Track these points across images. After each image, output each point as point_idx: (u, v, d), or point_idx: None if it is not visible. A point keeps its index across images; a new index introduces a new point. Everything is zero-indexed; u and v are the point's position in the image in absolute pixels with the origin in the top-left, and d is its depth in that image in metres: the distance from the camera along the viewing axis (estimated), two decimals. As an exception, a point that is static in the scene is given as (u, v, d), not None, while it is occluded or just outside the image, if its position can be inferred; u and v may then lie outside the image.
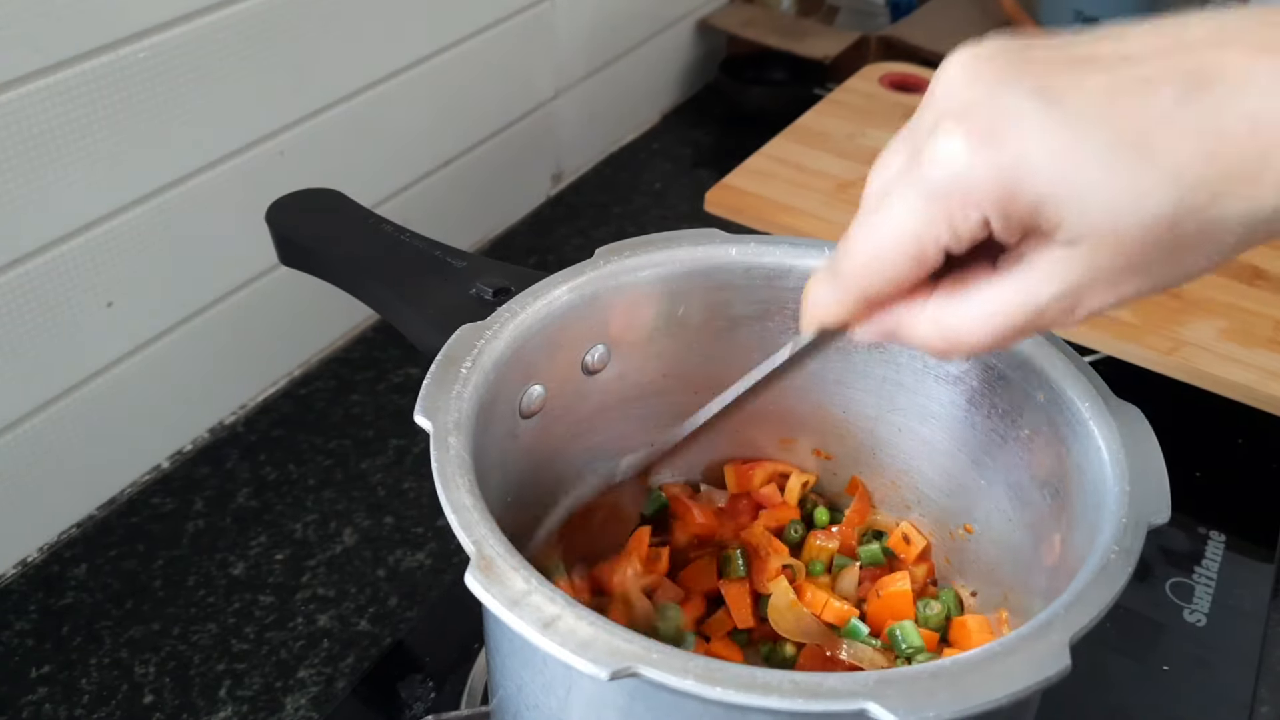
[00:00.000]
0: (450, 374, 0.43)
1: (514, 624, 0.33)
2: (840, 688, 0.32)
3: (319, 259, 0.56)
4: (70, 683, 0.58)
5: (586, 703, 0.38)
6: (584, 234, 0.95)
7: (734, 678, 0.32)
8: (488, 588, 0.34)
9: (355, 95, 0.75)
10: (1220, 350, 0.70)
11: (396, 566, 0.65)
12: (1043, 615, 0.35)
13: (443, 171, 0.86)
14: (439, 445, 0.40)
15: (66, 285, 0.61)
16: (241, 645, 0.60)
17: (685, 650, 0.33)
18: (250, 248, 0.70)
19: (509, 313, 0.46)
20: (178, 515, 0.68)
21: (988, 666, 0.33)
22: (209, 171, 0.67)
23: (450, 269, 0.53)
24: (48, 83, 0.56)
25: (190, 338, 0.70)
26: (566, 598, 0.34)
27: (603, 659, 0.32)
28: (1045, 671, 0.33)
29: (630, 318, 0.50)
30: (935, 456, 0.53)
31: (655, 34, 1.07)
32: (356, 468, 0.71)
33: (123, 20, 0.59)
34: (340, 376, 0.79)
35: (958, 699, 0.32)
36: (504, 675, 0.42)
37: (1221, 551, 0.65)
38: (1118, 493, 0.40)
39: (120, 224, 0.63)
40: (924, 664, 0.33)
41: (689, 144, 1.09)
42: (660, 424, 0.55)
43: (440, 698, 0.57)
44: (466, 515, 0.37)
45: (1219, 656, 0.60)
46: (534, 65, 0.92)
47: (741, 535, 0.54)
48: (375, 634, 0.61)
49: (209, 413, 0.74)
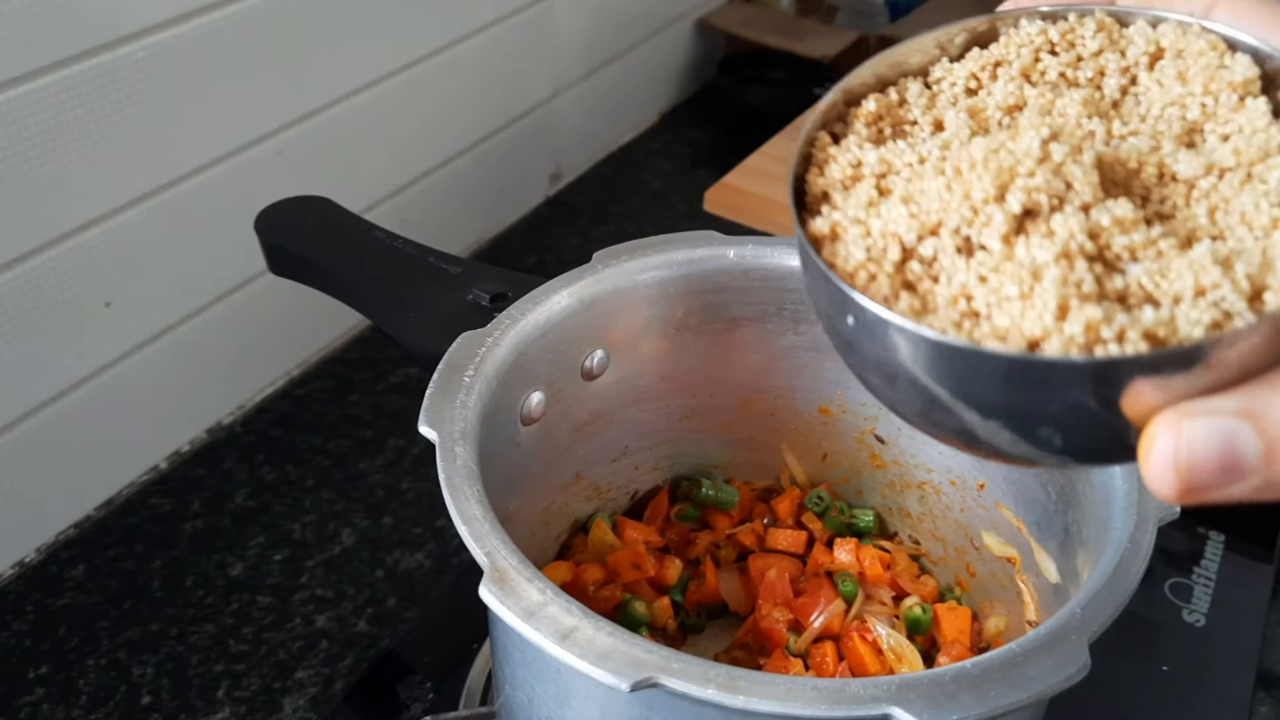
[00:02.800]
0: (453, 382, 0.42)
1: (531, 636, 0.33)
2: (863, 693, 0.32)
3: (310, 268, 0.55)
4: (68, 684, 0.58)
5: (602, 714, 0.38)
6: (583, 234, 0.95)
7: (756, 686, 0.32)
8: (503, 600, 0.34)
9: (355, 94, 0.75)
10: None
11: (395, 567, 0.65)
12: (1059, 615, 0.35)
13: (441, 171, 0.86)
14: (446, 455, 0.39)
15: (65, 285, 0.61)
16: (239, 646, 0.60)
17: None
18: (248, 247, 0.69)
19: (509, 319, 0.46)
20: (175, 516, 0.67)
21: (1008, 668, 0.33)
22: (207, 171, 0.67)
23: (445, 275, 0.52)
24: (45, 82, 0.56)
25: (188, 338, 0.70)
26: (583, 608, 0.34)
27: (623, 670, 0.32)
28: (1065, 671, 0.33)
29: (629, 322, 0.50)
30: (936, 456, 0.53)
31: (654, 33, 1.07)
32: (355, 468, 0.71)
33: (120, 20, 0.59)
34: (338, 377, 0.78)
35: (980, 701, 0.32)
36: (514, 687, 0.42)
37: (1220, 552, 0.65)
38: (1126, 490, 0.40)
39: (119, 224, 0.63)
40: (945, 667, 0.34)
41: (688, 143, 1.09)
42: (661, 428, 0.55)
43: (438, 699, 0.57)
44: (477, 526, 0.37)
45: (1218, 657, 0.60)
46: (532, 65, 0.92)
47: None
48: (373, 635, 0.61)
49: (207, 413, 0.74)
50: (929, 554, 0.56)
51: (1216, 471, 0.23)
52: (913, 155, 0.30)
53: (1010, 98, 0.30)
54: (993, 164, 0.27)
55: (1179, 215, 0.27)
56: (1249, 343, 0.23)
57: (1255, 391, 0.23)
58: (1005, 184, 0.26)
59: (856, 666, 0.49)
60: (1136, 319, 0.24)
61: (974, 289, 0.26)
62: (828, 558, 0.54)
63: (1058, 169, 0.26)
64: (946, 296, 0.27)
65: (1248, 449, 0.23)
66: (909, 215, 0.28)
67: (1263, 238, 0.26)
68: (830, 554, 0.54)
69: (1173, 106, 0.29)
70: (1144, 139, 0.28)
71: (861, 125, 0.31)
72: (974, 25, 0.32)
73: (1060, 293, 0.25)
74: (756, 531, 0.56)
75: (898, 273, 0.28)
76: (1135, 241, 0.26)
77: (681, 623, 0.53)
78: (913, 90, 0.32)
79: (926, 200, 0.28)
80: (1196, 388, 0.24)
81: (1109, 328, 0.24)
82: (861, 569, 0.53)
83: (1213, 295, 0.25)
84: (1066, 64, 0.31)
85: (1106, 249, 0.26)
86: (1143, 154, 0.28)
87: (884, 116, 0.32)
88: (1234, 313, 0.24)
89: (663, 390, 0.54)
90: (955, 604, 0.53)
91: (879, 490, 0.57)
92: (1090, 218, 0.26)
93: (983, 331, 0.26)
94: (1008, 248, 0.26)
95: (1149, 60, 0.30)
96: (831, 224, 0.29)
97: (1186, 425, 0.23)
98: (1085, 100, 0.29)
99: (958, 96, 0.31)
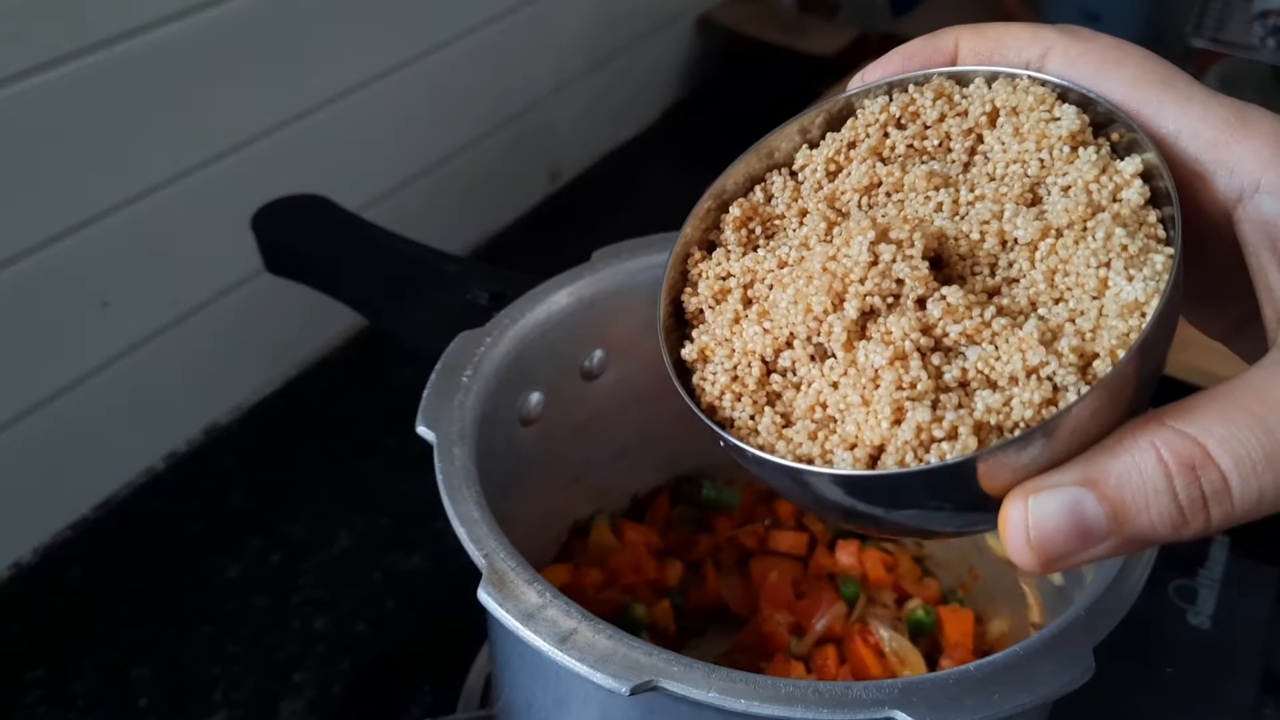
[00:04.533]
0: (451, 383, 0.42)
1: (530, 639, 0.33)
2: (865, 697, 0.32)
3: (307, 267, 0.55)
4: (64, 685, 0.57)
5: (602, 717, 0.38)
6: (582, 233, 0.94)
7: (757, 689, 0.32)
8: (501, 603, 0.34)
9: (352, 92, 0.75)
10: (1225, 350, 0.69)
11: (393, 569, 0.64)
12: (1063, 618, 0.35)
13: (440, 169, 0.85)
14: (444, 457, 0.39)
15: (61, 285, 0.61)
16: (236, 648, 0.60)
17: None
18: (245, 246, 0.69)
19: (508, 319, 0.46)
20: (172, 517, 0.67)
21: (1012, 671, 0.33)
22: (204, 170, 0.66)
23: (444, 274, 0.52)
24: (40, 81, 0.56)
25: (185, 338, 0.70)
26: (582, 611, 0.34)
27: (622, 673, 0.32)
28: (1069, 674, 0.33)
29: (629, 321, 0.50)
30: None
31: (655, 30, 1.07)
32: (352, 469, 0.71)
33: (117, 18, 0.58)
34: (336, 377, 0.78)
35: (983, 704, 0.32)
36: (514, 690, 0.42)
37: (1226, 555, 0.65)
38: None
39: (115, 223, 0.62)
40: (948, 670, 0.33)
41: (689, 141, 1.09)
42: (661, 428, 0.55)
43: (437, 702, 0.56)
44: (475, 528, 0.37)
45: (1223, 661, 0.59)
46: (531, 61, 0.92)
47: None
48: (371, 637, 0.60)
49: (204, 413, 0.73)
50: (932, 556, 0.55)
51: (1069, 540, 0.24)
52: (773, 261, 0.30)
53: (865, 178, 0.31)
54: (827, 275, 0.28)
55: (1023, 280, 0.27)
56: (1085, 411, 0.24)
57: (1093, 459, 0.24)
58: (841, 293, 0.28)
59: (859, 670, 0.49)
60: (965, 414, 0.25)
61: (828, 396, 0.27)
62: (830, 560, 0.54)
63: (886, 270, 0.27)
64: (804, 406, 0.28)
65: (1092, 515, 0.24)
66: (763, 332, 0.29)
67: (1097, 299, 0.26)
68: (832, 556, 0.54)
69: (1015, 164, 0.29)
70: (986, 205, 0.28)
71: (730, 232, 0.32)
72: (829, 107, 0.32)
73: (894, 397, 0.26)
74: (758, 533, 0.55)
75: (760, 388, 0.29)
76: (968, 328, 0.26)
77: (682, 626, 0.53)
78: (777, 184, 0.32)
79: (779, 314, 0.29)
80: (1040, 463, 0.24)
81: (940, 427, 0.25)
82: (864, 571, 0.53)
83: (1045, 372, 0.25)
84: (913, 135, 0.31)
85: (944, 337, 0.27)
86: (985, 223, 0.28)
87: (752, 218, 0.32)
88: (1063, 386, 0.25)
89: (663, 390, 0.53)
90: (958, 606, 0.53)
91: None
92: (926, 310, 0.27)
93: (834, 440, 0.27)
94: (849, 353, 0.27)
95: (988, 119, 0.30)
96: (699, 348, 0.31)
97: (1032, 503, 0.24)
98: (928, 174, 0.30)
99: (820, 183, 0.32)
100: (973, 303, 0.27)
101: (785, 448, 0.28)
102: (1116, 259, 0.26)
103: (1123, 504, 0.24)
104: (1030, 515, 0.24)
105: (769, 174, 0.33)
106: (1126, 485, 0.24)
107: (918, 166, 0.30)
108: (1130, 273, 0.26)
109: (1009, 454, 0.24)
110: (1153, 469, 0.23)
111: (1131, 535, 0.24)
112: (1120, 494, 0.24)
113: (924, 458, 0.25)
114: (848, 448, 0.26)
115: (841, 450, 0.27)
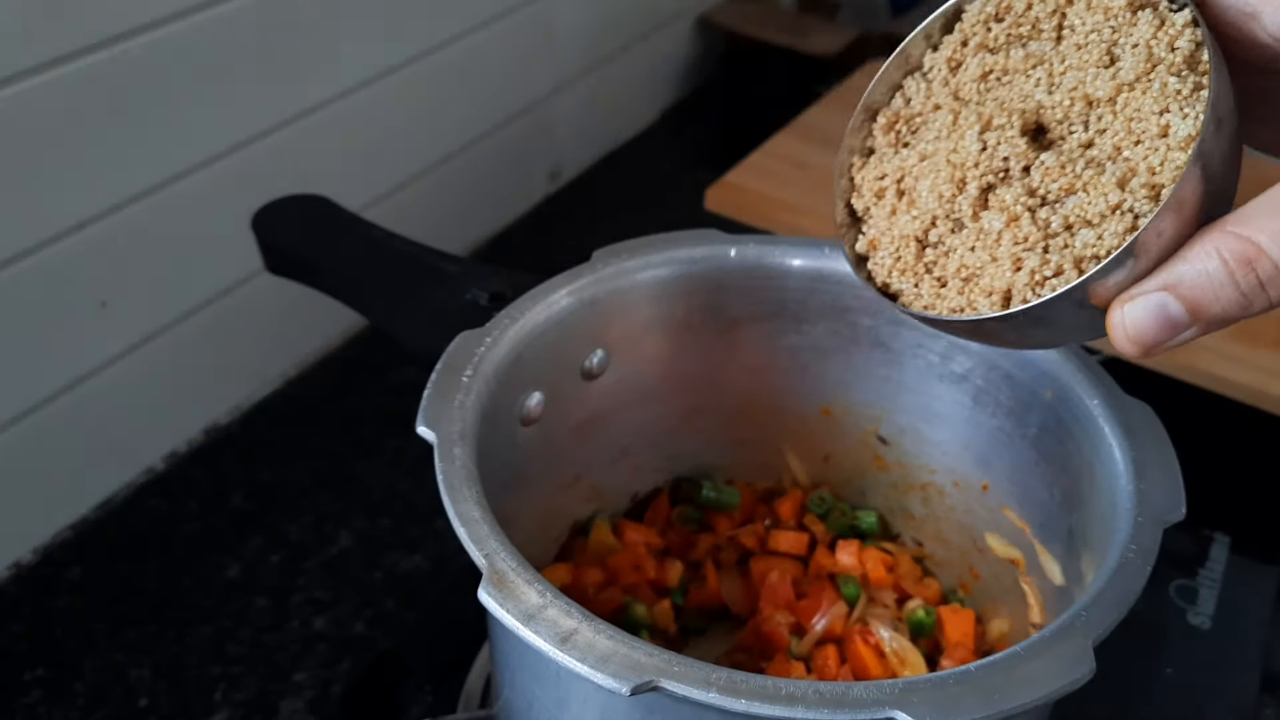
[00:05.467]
0: (452, 383, 0.42)
1: (531, 639, 0.33)
2: (866, 697, 0.32)
3: (308, 267, 0.55)
4: (64, 685, 0.57)
5: (602, 717, 0.38)
6: (582, 233, 0.94)
7: (758, 689, 0.32)
8: (502, 603, 0.34)
9: (352, 92, 0.75)
10: (1225, 350, 0.69)
11: (393, 569, 0.64)
12: (1063, 618, 0.35)
13: (440, 169, 0.85)
14: (444, 456, 0.39)
15: (60, 285, 0.61)
16: (237, 648, 0.59)
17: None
18: (245, 246, 0.69)
19: (508, 319, 0.46)
20: (172, 517, 0.67)
21: (1012, 671, 0.33)
22: (203, 170, 0.66)
23: (444, 274, 0.52)
24: (39, 81, 0.56)
25: (185, 337, 0.69)
26: (583, 611, 0.34)
27: (623, 673, 0.32)
28: (1070, 674, 0.33)
29: (629, 321, 0.50)
30: (940, 457, 0.53)
31: (655, 30, 1.07)
32: (352, 469, 0.70)
33: (115, 18, 0.58)
34: (336, 377, 0.78)
35: (984, 704, 0.32)
36: (514, 691, 0.42)
37: (1226, 554, 0.65)
38: (1131, 491, 0.40)
39: (114, 223, 0.62)
40: (949, 670, 0.33)
41: (689, 141, 1.09)
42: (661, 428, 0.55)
43: (437, 702, 0.56)
44: (476, 528, 0.37)
45: (1223, 660, 0.59)
46: (531, 61, 0.92)
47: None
48: (371, 637, 0.60)
49: (204, 413, 0.73)
50: (932, 556, 0.55)
51: (1160, 333, 0.30)
52: (915, 156, 0.36)
53: (979, 69, 0.36)
54: (949, 167, 0.34)
55: (1109, 130, 0.33)
56: (1155, 230, 0.30)
57: (1170, 267, 0.30)
58: (962, 179, 0.34)
59: (859, 670, 0.49)
60: (1068, 253, 0.32)
61: (967, 259, 0.34)
62: (830, 560, 0.54)
63: (993, 153, 0.34)
64: (952, 269, 0.34)
65: (1175, 312, 0.30)
66: (913, 219, 0.36)
67: (1164, 138, 0.32)
68: (832, 556, 0.54)
69: (1093, 33, 0.34)
70: (1073, 74, 0.34)
71: (881, 137, 0.38)
72: (945, 10, 0.38)
73: (1012, 251, 0.33)
74: (758, 533, 0.55)
75: (918, 260, 0.35)
76: (1064, 184, 0.32)
77: (682, 626, 0.53)
78: (911, 87, 0.38)
79: (922, 201, 0.35)
80: (1132, 277, 0.31)
81: (1049, 268, 0.32)
82: (864, 571, 0.53)
83: (1125, 206, 0.31)
84: (1010, 25, 0.36)
85: (1048, 194, 0.33)
86: (1073, 89, 0.33)
87: (895, 122, 0.38)
88: (1141, 214, 0.31)
89: (663, 390, 0.53)
90: (959, 606, 0.52)
91: (882, 492, 0.56)
92: (1030, 175, 0.33)
93: (977, 291, 0.34)
94: (977, 223, 0.34)
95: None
96: (869, 240, 0.37)
97: (1127, 309, 0.31)
98: (1025, 56, 0.35)
99: (946, 79, 0.37)
100: (1064, 161, 0.32)
101: (942, 304, 0.35)
102: (1173, 102, 0.31)
103: (1196, 300, 0.29)
104: (1126, 318, 0.30)
105: (905, 80, 0.38)
106: (1197, 285, 0.29)
107: (1016, 50, 0.35)
108: (1185, 111, 0.31)
109: (1103, 275, 0.30)
110: (1216, 268, 0.29)
111: (1209, 320, 0.30)
112: (1194, 293, 0.29)
113: (1040, 293, 0.32)
114: (985, 295, 0.33)
115: (982, 298, 0.33)
